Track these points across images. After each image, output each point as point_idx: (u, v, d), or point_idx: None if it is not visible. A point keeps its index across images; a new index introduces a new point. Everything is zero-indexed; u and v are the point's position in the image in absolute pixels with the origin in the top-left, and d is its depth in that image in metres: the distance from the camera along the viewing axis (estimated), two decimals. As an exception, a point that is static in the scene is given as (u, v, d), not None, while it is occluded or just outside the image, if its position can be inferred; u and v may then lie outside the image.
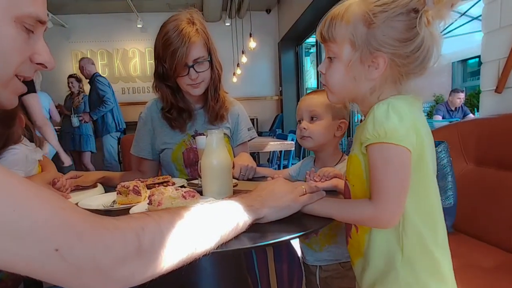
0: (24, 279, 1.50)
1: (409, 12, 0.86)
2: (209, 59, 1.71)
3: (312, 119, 1.44)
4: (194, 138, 1.79)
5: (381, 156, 0.87)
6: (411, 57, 0.88)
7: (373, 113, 0.88)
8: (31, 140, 1.73)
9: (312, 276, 1.54)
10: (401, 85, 0.94)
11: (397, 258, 0.93)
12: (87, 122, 5.68)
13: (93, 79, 5.60)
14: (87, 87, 5.84)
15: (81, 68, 5.68)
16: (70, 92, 5.94)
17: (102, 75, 5.89)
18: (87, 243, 0.55)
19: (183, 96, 1.82)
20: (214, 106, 1.82)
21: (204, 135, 1.41)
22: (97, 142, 5.90)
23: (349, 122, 1.47)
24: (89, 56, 7.60)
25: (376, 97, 0.94)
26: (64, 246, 0.52)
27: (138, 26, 7.76)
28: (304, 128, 1.44)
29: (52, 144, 3.58)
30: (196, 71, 1.66)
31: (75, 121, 5.60)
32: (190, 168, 1.83)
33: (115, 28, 8.14)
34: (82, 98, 5.77)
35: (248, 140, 2.00)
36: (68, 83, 5.86)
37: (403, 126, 0.85)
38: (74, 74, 5.98)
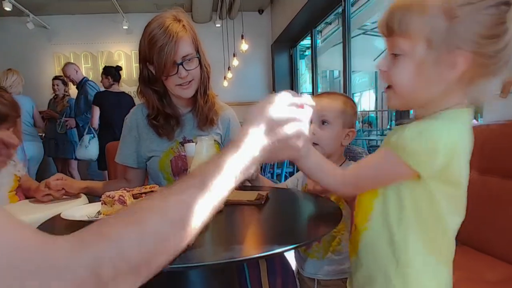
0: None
1: (499, 5, 0.78)
2: (197, 56, 1.71)
3: (322, 123, 1.38)
4: (183, 145, 1.78)
5: (382, 153, 0.90)
6: (496, 57, 0.80)
7: (405, 130, 0.86)
8: None
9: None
10: (472, 87, 0.88)
11: (391, 268, 0.92)
12: (72, 128, 5.57)
13: (83, 83, 5.46)
14: (72, 91, 5.80)
15: (66, 75, 5.52)
16: (54, 95, 5.83)
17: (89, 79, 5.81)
18: None
19: (170, 101, 1.81)
20: (203, 107, 1.81)
21: (193, 141, 1.40)
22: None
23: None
24: (72, 59, 7.58)
25: (443, 102, 0.89)
26: None
27: (124, 27, 7.74)
28: (313, 133, 1.32)
29: None
30: (185, 69, 1.66)
31: (62, 126, 5.52)
32: (179, 177, 1.81)
33: (100, 29, 8.11)
34: (67, 102, 5.67)
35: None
36: (53, 85, 5.73)
37: (428, 150, 0.83)
38: (61, 76, 5.81)
